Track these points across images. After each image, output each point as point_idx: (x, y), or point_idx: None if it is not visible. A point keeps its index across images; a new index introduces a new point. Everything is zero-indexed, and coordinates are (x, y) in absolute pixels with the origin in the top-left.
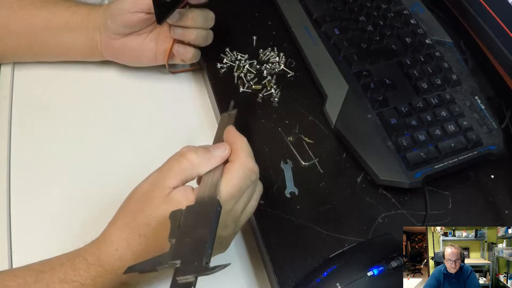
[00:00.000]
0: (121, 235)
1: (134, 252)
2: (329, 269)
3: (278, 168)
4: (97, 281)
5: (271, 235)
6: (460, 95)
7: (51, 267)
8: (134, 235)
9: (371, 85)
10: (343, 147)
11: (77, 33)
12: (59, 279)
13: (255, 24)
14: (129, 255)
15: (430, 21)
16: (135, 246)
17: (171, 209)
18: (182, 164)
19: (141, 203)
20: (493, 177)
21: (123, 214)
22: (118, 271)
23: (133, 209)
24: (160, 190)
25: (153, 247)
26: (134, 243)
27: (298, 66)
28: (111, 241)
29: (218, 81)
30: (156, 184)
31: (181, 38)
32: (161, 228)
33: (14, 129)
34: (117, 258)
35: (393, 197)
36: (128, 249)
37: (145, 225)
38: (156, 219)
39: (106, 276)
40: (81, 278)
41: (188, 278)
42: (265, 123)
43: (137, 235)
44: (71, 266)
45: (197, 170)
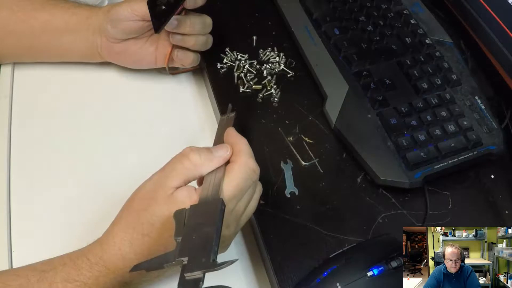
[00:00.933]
0: (124, 235)
1: (137, 251)
2: (329, 269)
3: (278, 168)
4: (100, 281)
5: (271, 235)
6: (460, 95)
7: (53, 267)
8: (138, 234)
9: (371, 85)
10: (343, 147)
11: (77, 35)
12: (62, 279)
13: (255, 24)
14: (132, 255)
15: (430, 21)
16: (138, 246)
17: (175, 208)
18: (185, 164)
19: (145, 203)
20: (493, 177)
21: (126, 214)
22: (121, 270)
23: (136, 208)
24: (163, 190)
25: (156, 246)
26: (137, 243)
27: (298, 66)
28: (114, 241)
29: (218, 81)
30: (159, 184)
31: (180, 44)
32: (164, 227)
33: (14, 129)
34: (120, 257)
35: (393, 197)
36: (131, 249)
37: (149, 225)
38: (159, 219)
39: (109, 275)
40: (84, 278)
41: (196, 274)
42: (265, 123)
43: (141, 235)
44: (74, 265)
45: (200, 171)
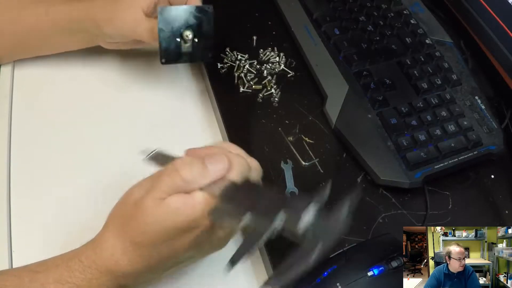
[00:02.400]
0: (115, 241)
1: (131, 259)
2: (329, 269)
3: (278, 168)
4: (92, 283)
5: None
6: (460, 95)
7: (46, 268)
8: (130, 243)
9: (371, 85)
10: (343, 147)
11: (74, 36)
12: (54, 280)
13: (255, 24)
14: (126, 261)
15: (430, 21)
16: (130, 253)
17: (167, 215)
18: (175, 180)
19: (134, 210)
20: (493, 177)
21: (117, 220)
22: (115, 273)
23: (126, 215)
24: (152, 200)
25: (150, 253)
26: (130, 249)
27: (298, 66)
28: (106, 246)
29: (218, 81)
30: (147, 192)
31: None
32: (157, 235)
33: (14, 129)
34: (113, 262)
35: (393, 197)
36: (124, 256)
37: (140, 233)
38: (150, 227)
39: (101, 278)
40: (76, 280)
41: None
42: (265, 123)
43: (133, 243)
44: (66, 267)
45: (191, 187)
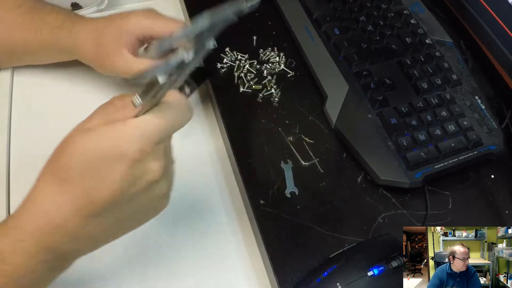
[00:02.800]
0: (44, 187)
1: (60, 204)
2: (329, 269)
3: (278, 168)
4: (17, 246)
5: (271, 235)
6: (460, 95)
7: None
8: (57, 182)
9: (371, 85)
10: (343, 147)
11: (64, 56)
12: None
13: (255, 24)
14: (54, 207)
15: (430, 21)
16: (59, 195)
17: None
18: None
19: (61, 147)
20: (493, 177)
21: (47, 165)
22: (43, 231)
23: (54, 155)
24: (78, 131)
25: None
26: (57, 191)
27: (298, 66)
28: (35, 197)
29: (218, 81)
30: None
31: None
32: (83, 165)
33: (14, 129)
34: (43, 214)
35: (393, 197)
36: (53, 201)
37: (66, 168)
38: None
39: (28, 240)
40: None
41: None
42: (265, 123)
43: (61, 181)
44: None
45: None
